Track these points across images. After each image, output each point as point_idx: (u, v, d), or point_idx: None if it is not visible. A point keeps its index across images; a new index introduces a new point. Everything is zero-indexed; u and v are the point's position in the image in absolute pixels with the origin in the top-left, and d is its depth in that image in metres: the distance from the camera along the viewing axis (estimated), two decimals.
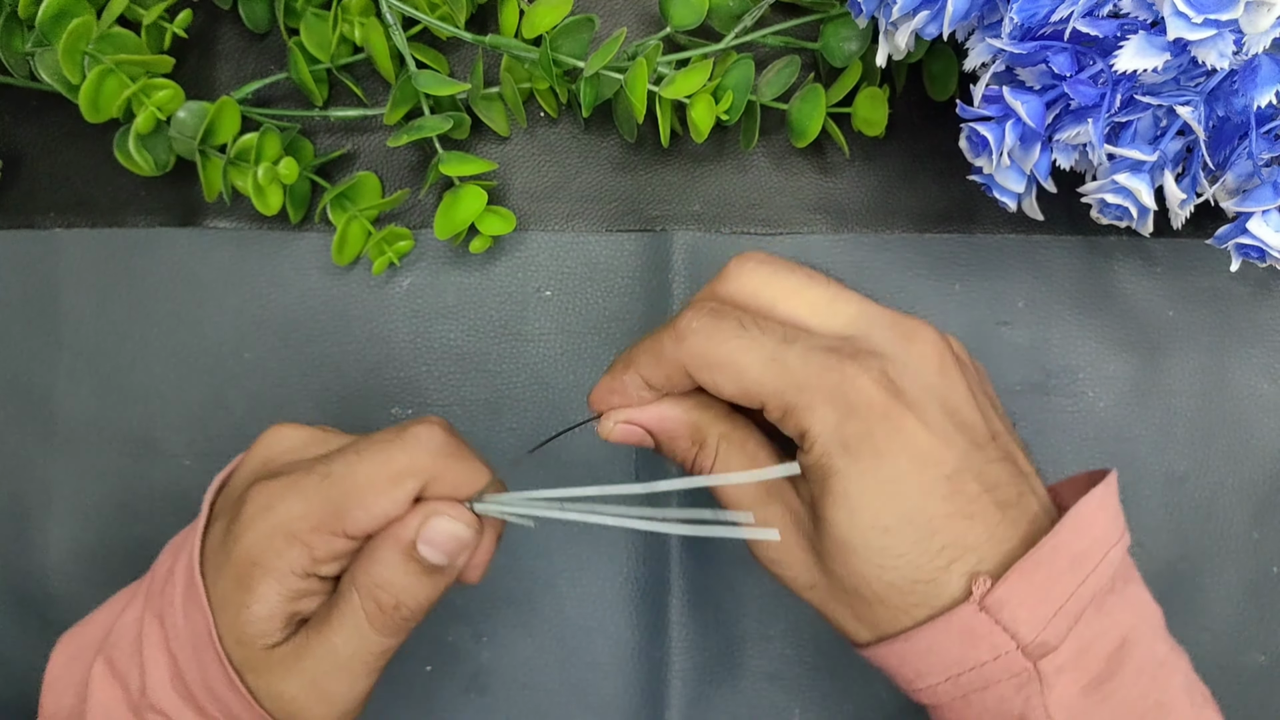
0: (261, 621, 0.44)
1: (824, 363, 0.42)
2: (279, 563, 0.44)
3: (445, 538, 0.45)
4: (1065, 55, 0.47)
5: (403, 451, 0.44)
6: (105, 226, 0.63)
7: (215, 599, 0.45)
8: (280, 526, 0.44)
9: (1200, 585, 0.62)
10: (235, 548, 0.44)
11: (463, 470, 0.45)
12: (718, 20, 0.59)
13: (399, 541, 0.44)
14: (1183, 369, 0.63)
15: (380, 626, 0.45)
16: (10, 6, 0.55)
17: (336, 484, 0.44)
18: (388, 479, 0.44)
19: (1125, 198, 0.50)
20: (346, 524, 0.44)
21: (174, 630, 0.46)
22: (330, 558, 0.45)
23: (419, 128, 0.57)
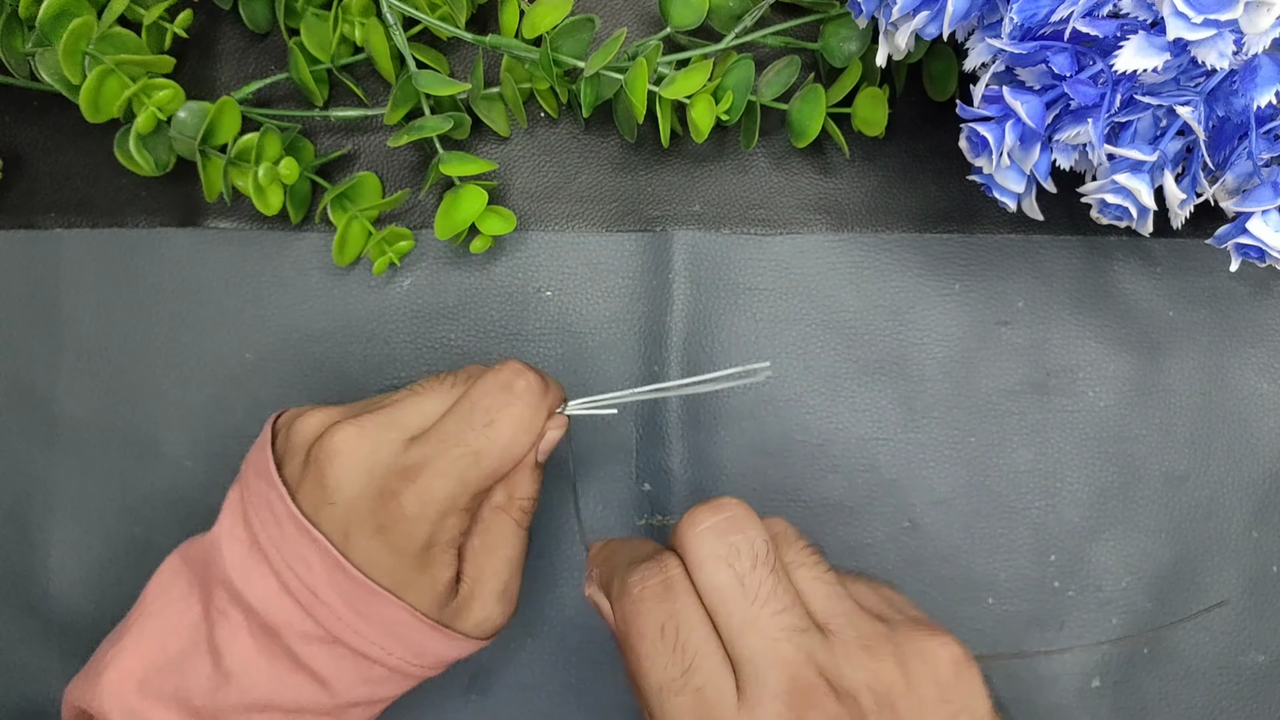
0: (449, 582, 0.51)
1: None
2: (452, 534, 0.50)
3: (552, 443, 0.52)
4: (1065, 55, 0.47)
5: (524, 408, 0.50)
6: (106, 227, 0.63)
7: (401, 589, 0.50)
8: (449, 508, 0.49)
9: (1200, 585, 0.62)
10: (410, 544, 0.49)
11: (554, 397, 0.52)
12: (718, 20, 0.59)
13: (529, 461, 0.52)
14: (1183, 369, 0.63)
15: (525, 524, 0.53)
16: (11, 6, 0.55)
17: (486, 458, 0.49)
18: (527, 435, 0.50)
19: (1125, 198, 0.50)
20: (497, 477, 0.51)
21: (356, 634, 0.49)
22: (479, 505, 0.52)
23: (419, 128, 0.57)
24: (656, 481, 0.62)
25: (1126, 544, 0.62)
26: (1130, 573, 0.62)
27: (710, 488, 0.62)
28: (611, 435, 0.62)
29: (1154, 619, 0.62)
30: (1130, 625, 0.62)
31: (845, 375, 0.62)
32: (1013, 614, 0.62)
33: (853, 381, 0.62)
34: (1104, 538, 0.62)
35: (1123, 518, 0.62)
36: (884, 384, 0.62)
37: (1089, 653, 0.62)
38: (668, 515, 0.62)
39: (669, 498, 0.62)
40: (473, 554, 0.52)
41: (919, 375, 0.62)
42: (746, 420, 0.62)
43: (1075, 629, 0.62)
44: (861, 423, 0.62)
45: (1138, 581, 0.62)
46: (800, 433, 0.62)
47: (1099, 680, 0.62)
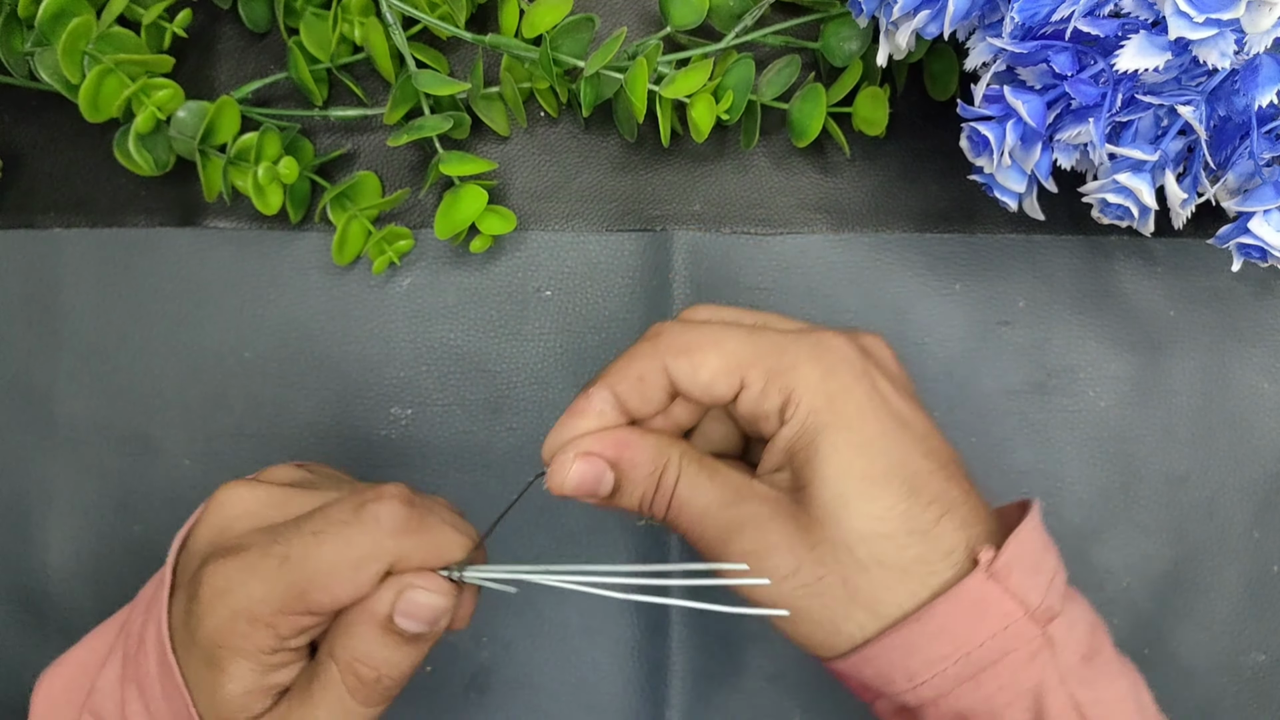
0: (239, 698, 0.43)
1: (799, 334, 0.45)
2: (245, 644, 0.43)
3: (422, 610, 0.43)
4: (1066, 55, 0.47)
5: (363, 534, 0.43)
6: (105, 226, 0.63)
7: (189, 677, 0.44)
8: (242, 611, 0.42)
9: (1201, 584, 0.62)
10: (199, 630, 0.43)
11: (428, 545, 0.44)
12: (718, 20, 0.59)
13: (374, 616, 0.43)
14: (1184, 369, 0.62)
15: (363, 698, 0.44)
16: (10, 6, 0.55)
17: (296, 568, 0.42)
18: (348, 564, 0.42)
19: (1126, 197, 0.50)
20: (310, 605, 0.42)
21: (154, 704, 0.45)
22: (297, 633, 0.43)
23: (419, 127, 0.57)
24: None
25: (1127, 544, 0.62)
26: (1131, 573, 0.62)
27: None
28: None
29: (1155, 619, 0.62)
30: (1131, 625, 0.62)
31: None
32: None
33: None
34: (1105, 538, 0.62)
35: (1124, 518, 0.62)
36: None
37: None
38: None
39: None
40: (290, 695, 0.45)
41: (920, 375, 0.62)
42: None
43: None
44: None
45: (1139, 582, 0.62)
46: None
47: None
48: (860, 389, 0.43)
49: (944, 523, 0.43)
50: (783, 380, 0.43)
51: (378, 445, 0.62)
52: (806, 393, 0.43)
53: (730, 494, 0.45)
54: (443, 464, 0.62)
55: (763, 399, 0.44)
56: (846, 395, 0.43)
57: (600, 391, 0.45)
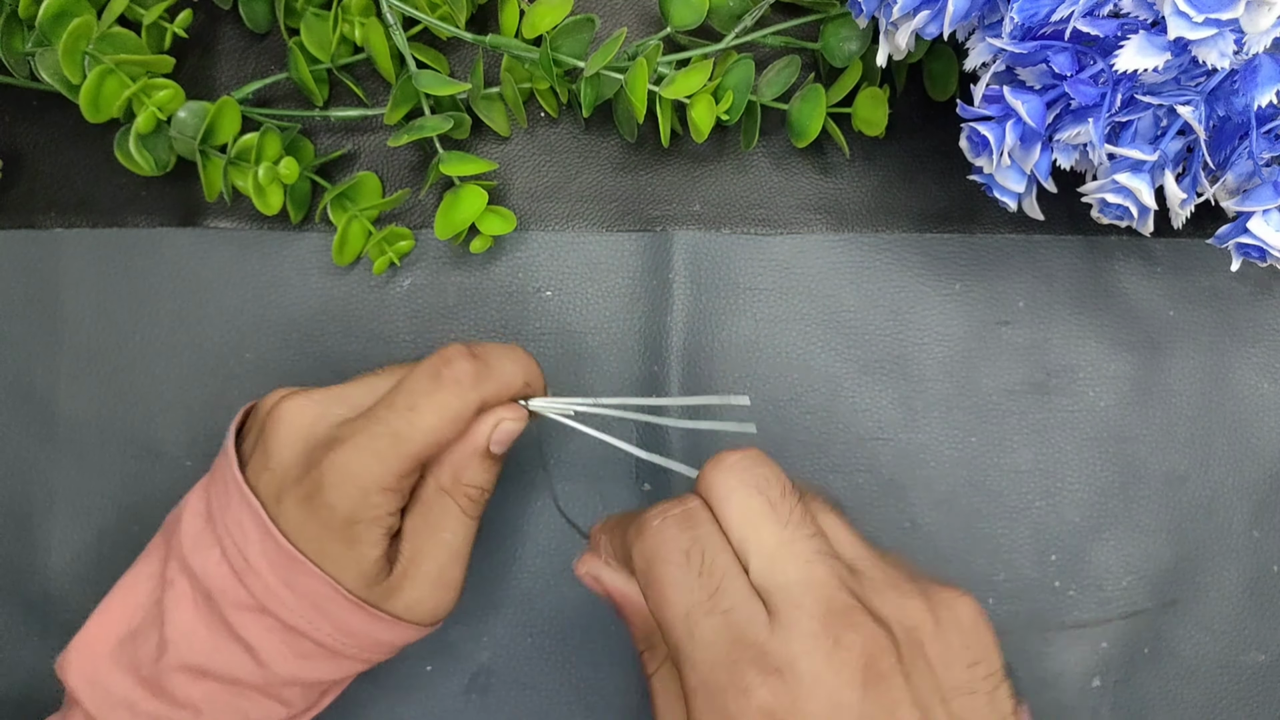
0: (378, 561, 0.50)
1: (727, 655, 0.39)
2: (377, 512, 0.49)
3: (511, 435, 0.51)
4: (1066, 55, 0.47)
5: (452, 396, 0.49)
6: (106, 226, 0.63)
7: (322, 559, 0.49)
8: (371, 485, 0.48)
9: (1200, 584, 0.62)
10: (333, 516, 0.49)
11: (500, 383, 0.51)
12: (718, 20, 0.59)
13: (477, 447, 0.51)
14: (1183, 368, 0.63)
15: (474, 514, 0.53)
16: (11, 6, 0.55)
17: (408, 440, 0.49)
18: (449, 423, 0.49)
19: (1126, 197, 0.50)
20: (423, 463, 0.50)
21: (283, 605, 0.49)
22: (410, 488, 0.51)
23: (419, 128, 0.57)
24: (656, 481, 0.62)
25: (1127, 543, 0.62)
26: (1131, 572, 0.62)
27: None
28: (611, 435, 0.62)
29: (1154, 618, 0.62)
30: (1131, 625, 0.62)
31: (845, 375, 0.62)
32: (1013, 614, 0.62)
33: (853, 381, 0.62)
34: (1104, 537, 0.62)
35: (1123, 517, 0.62)
36: (884, 384, 0.62)
37: (1089, 652, 0.62)
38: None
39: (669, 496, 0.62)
40: (411, 534, 0.52)
41: (919, 375, 0.62)
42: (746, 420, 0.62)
43: (1076, 629, 0.62)
44: (861, 423, 0.62)
45: (1138, 581, 0.62)
46: (800, 433, 0.62)
47: (1099, 679, 0.62)
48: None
49: None
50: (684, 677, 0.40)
51: None
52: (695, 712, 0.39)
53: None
54: None
55: None
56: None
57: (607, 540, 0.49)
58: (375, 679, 0.61)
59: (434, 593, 0.52)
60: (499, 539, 0.62)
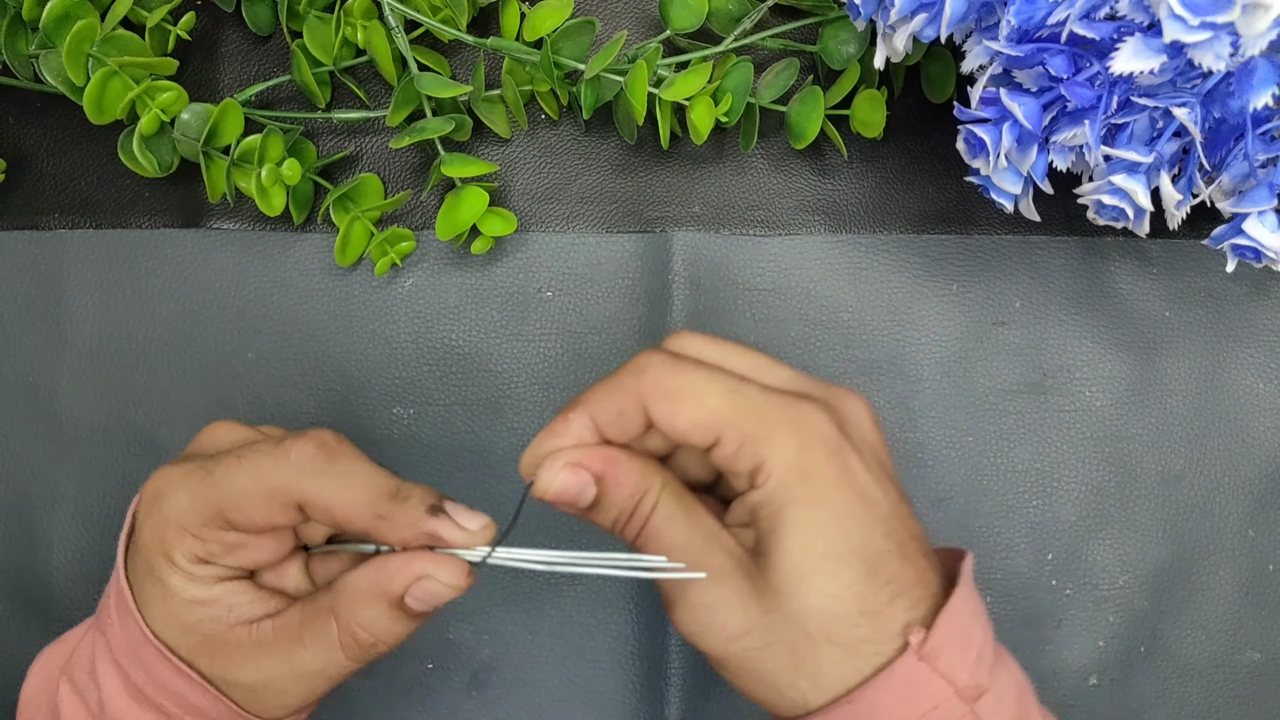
0: (193, 607, 0.45)
1: (780, 399, 0.44)
2: (175, 553, 0.45)
3: (436, 595, 0.45)
4: (1062, 57, 0.47)
5: (274, 467, 0.44)
6: (109, 228, 0.63)
7: (141, 596, 0.46)
8: (171, 517, 0.45)
9: (1196, 583, 0.62)
10: (140, 539, 0.46)
11: (338, 487, 0.44)
12: (717, 23, 0.60)
13: (388, 594, 0.44)
14: (1179, 369, 0.63)
15: (353, 655, 0.46)
16: (15, 8, 0.56)
17: (217, 484, 0.44)
18: (260, 492, 0.44)
19: (1122, 199, 0.51)
20: (229, 522, 0.44)
21: (115, 639, 0.47)
22: (225, 550, 0.45)
23: (421, 129, 0.57)
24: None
25: (1123, 542, 0.62)
26: (1127, 571, 0.62)
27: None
28: None
29: (1151, 617, 0.62)
30: (1127, 623, 0.62)
31: (843, 375, 0.63)
32: (1010, 612, 0.62)
33: (851, 381, 0.63)
34: (1101, 536, 0.62)
35: (1119, 516, 0.63)
36: (882, 384, 0.63)
37: (1086, 651, 0.62)
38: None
39: None
40: (279, 623, 0.46)
41: (917, 375, 0.63)
42: None
43: (1072, 627, 0.62)
44: None
45: (1134, 580, 0.62)
46: None
47: (1096, 678, 0.62)
48: (831, 467, 0.44)
49: (896, 604, 0.43)
50: (757, 448, 0.43)
51: (380, 445, 0.62)
52: (778, 465, 0.43)
53: (699, 539, 0.45)
54: (444, 464, 0.62)
55: (735, 460, 0.44)
56: (817, 472, 0.43)
57: (580, 417, 0.46)
58: (375, 676, 0.62)
59: (263, 690, 0.46)
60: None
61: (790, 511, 0.43)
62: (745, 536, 0.46)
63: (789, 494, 0.43)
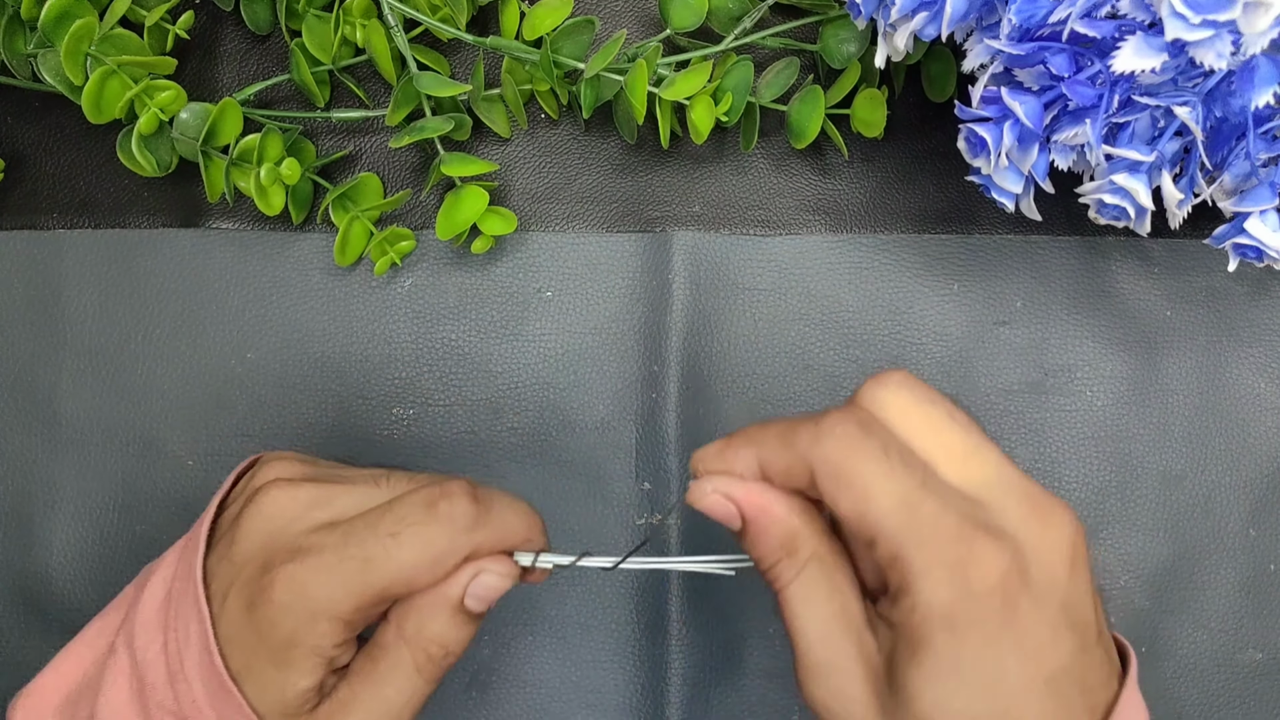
0: (305, 694, 0.45)
1: (956, 528, 0.40)
2: (321, 641, 0.44)
3: (493, 591, 0.46)
4: (1063, 56, 0.47)
5: (440, 534, 0.44)
6: (108, 227, 0.63)
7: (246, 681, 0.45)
8: (322, 611, 0.44)
9: (1197, 583, 0.62)
10: (272, 633, 0.44)
11: (497, 536, 0.46)
12: (717, 22, 0.60)
13: (449, 600, 0.45)
14: (1180, 368, 0.63)
15: (429, 675, 0.46)
16: (13, 8, 0.56)
17: (378, 570, 0.44)
18: (429, 562, 0.44)
19: (1123, 198, 0.51)
20: (390, 600, 0.45)
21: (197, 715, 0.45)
22: (366, 624, 0.46)
23: (420, 129, 0.57)
24: (656, 481, 0.62)
25: (1124, 542, 0.62)
26: (1128, 571, 0.62)
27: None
28: (611, 435, 0.62)
29: (1152, 617, 0.62)
30: (1129, 623, 0.62)
31: (844, 375, 0.62)
32: None
33: (852, 381, 0.62)
34: (1102, 536, 0.62)
35: (1120, 516, 0.62)
36: None
37: None
38: (667, 513, 0.62)
39: (669, 497, 0.62)
40: (353, 675, 0.46)
41: (917, 375, 0.61)
42: (746, 419, 0.62)
43: None
44: None
45: (1136, 580, 0.62)
46: None
47: None
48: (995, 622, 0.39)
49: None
50: (905, 574, 0.40)
51: (380, 446, 0.62)
52: (928, 603, 0.40)
53: (835, 625, 0.42)
54: (445, 464, 0.62)
55: (886, 567, 0.41)
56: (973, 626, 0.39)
57: (747, 454, 0.44)
58: None
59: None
60: None
61: (928, 656, 0.40)
62: (885, 639, 0.42)
63: (931, 638, 0.39)
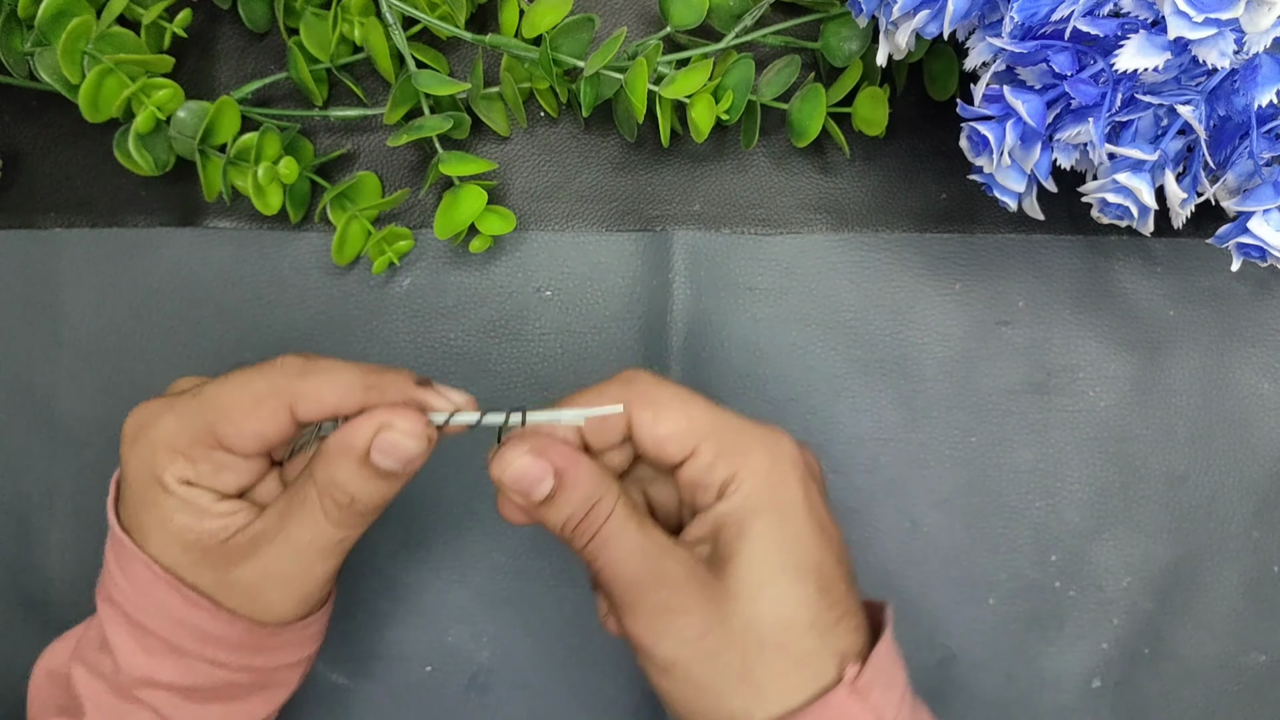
0: (188, 526, 0.47)
1: (754, 422, 0.48)
2: (167, 475, 0.46)
3: (397, 450, 0.45)
4: (1066, 54, 0.47)
5: (261, 377, 0.46)
6: (105, 226, 0.63)
7: (138, 531, 0.47)
8: (160, 442, 0.46)
9: (1201, 584, 0.62)
10: (129, 473, 0.47)
11: (325, 384, 0.46)
12: (718, 20, 0.59)
13: (352, 450, 0.45)
14: (1183, 368, 0.63)
15: (336, 520, 0.46)
16: (10, 6, 0.55)
17: (205, 403, 0.46)
18: (250, 399, 0.46)
19: (1126, 197, 0.50)
20: (220, 438, 0.46)
21: (123, 594, 0.48)
22: (218, 469, 0.47)
23: (419, 127, 0.57)
24: None
25: (1127, 544, 0.62)
26: (1131, 572, 0.62)
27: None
28: None
29: (1155, 619, 0.62)
30: (1131, 625, 0.62)
31: (845, 375, 0.62)
32: (1014, 614, 0.62)
33: (853, 381, 0.62)
34: (1105, 537, 0.62)
35: (1123, 517, 0.62)
36: (884, 384, 0.62)
37: (1089, 653, 0.62)
38: None
39: None
40: (266, 513, 0.47)
41: (919, 375, 0.62)
42: None
43: (1076, 629, 0.62)
44: (862, 423, 0.62)
45: (1138, 581, 0.62)
46: (800, 433, 0.62)
47: (1099, 680, 0.62)
48: (798, 488, 0.47)
49: (840, 625, 0.46)
50: (733, 459, 0.46)
51: None
52: (751, 476, 0.46)
53: (654, 547, 0.46)
54: (443, 464, 0.62)
55: (709, 470, 0.46)
56: (786, 489, 0.46)
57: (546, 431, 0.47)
58: (374, 679, 0.61)
59: (264, 582, 0.47)
60: (498, 538, 0.62)
61: (758, 521, 0.45)
62: (701, 551, 0.47)
63: (759, 503, 0.46)
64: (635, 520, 0.46)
